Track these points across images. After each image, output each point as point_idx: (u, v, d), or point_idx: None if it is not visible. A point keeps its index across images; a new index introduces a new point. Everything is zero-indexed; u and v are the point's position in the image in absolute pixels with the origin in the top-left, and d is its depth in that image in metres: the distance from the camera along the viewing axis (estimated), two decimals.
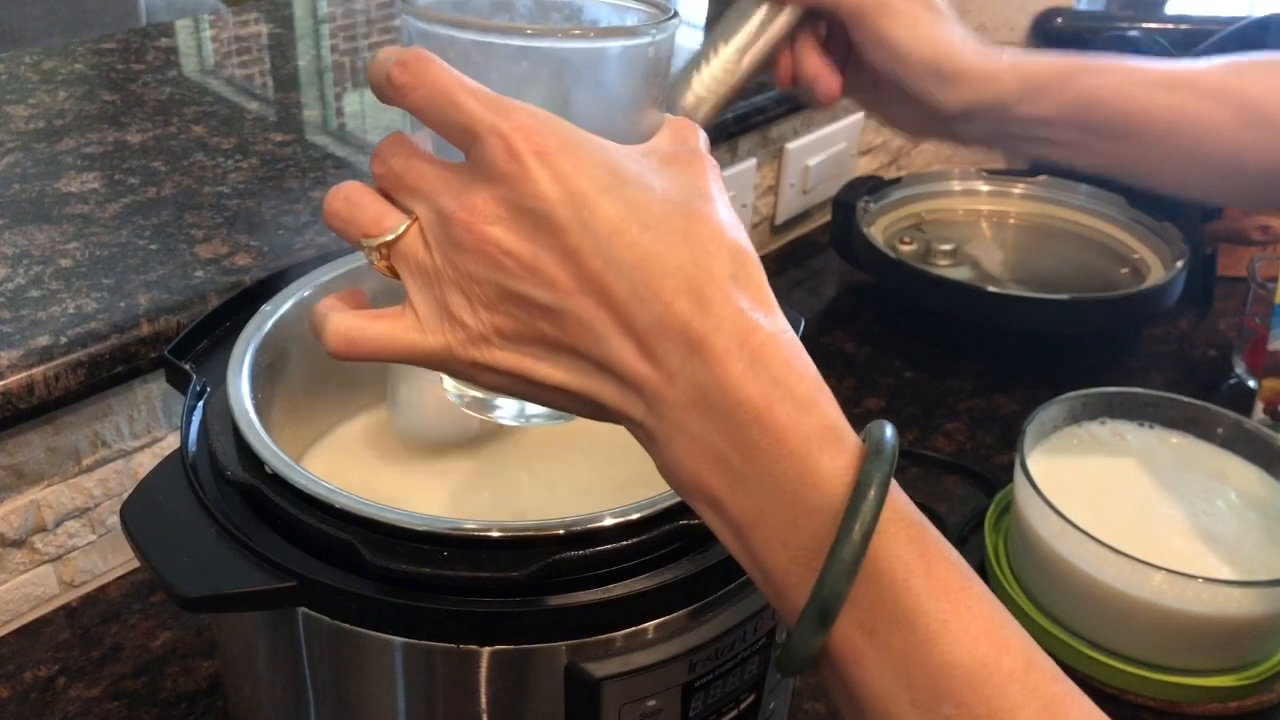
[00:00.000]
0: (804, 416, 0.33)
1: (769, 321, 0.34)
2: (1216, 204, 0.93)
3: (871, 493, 0.32)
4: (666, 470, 0.36)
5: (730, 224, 0.36)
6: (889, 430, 0.34)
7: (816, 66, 0.63)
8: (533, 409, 0.43)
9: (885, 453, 0.33)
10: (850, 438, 0.34)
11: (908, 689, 0.32)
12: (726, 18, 0.63)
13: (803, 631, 0.33)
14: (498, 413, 0.44)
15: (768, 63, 0.63)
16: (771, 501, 0.33)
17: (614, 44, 0.37)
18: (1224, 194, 0.66)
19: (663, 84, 0.40)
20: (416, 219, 0.36)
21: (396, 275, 0.37)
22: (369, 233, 0.36)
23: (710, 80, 0.61)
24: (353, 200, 0.37)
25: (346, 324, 0.37)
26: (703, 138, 0.39)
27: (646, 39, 0.38)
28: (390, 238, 0.36)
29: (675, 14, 0.39)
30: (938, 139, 0.67)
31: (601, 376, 0.35)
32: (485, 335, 0.35)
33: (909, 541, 0.33)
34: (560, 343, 0.35)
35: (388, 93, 0.35)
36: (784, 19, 0.62)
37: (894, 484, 0.33)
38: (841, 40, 0.64)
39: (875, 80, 0.65)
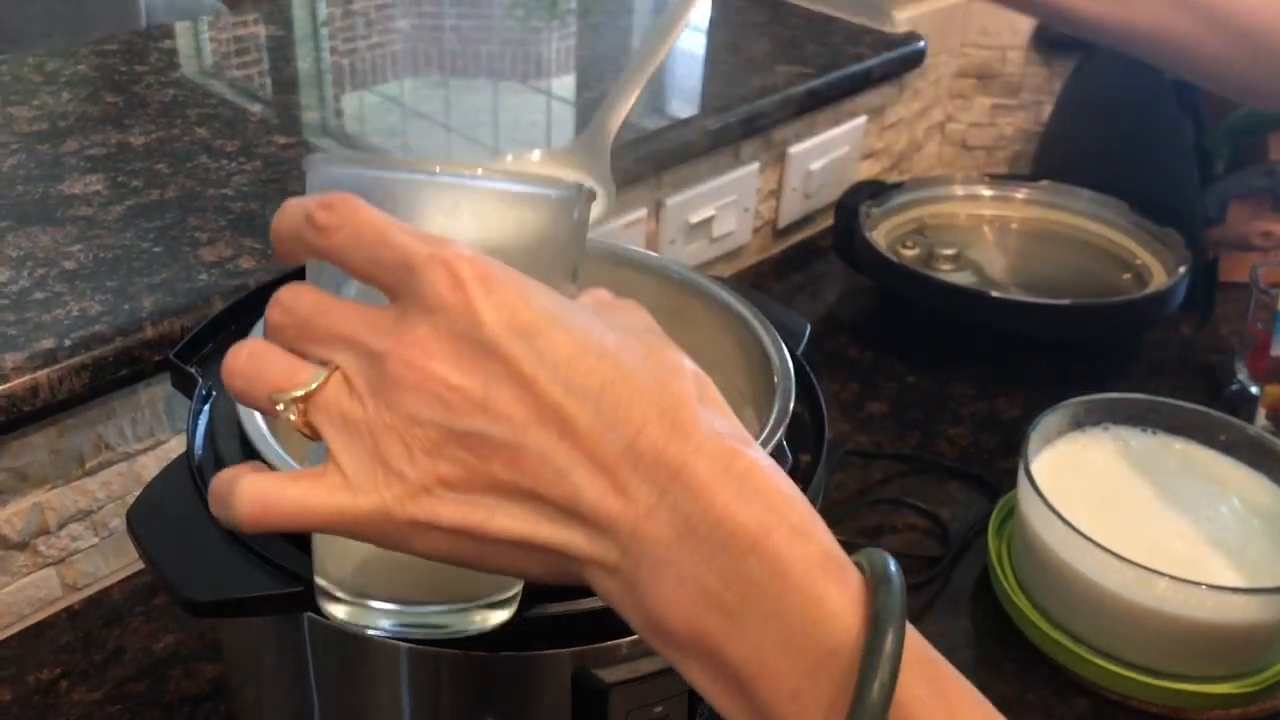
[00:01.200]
0: (804, 545, 0.30)
1: (749, 447, 0.32)
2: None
3: (890, 635, 0.29)
4: (651, 620, 0.31)
5: (684, 355, 0.34)
6: (889, 559, 0.31)
7: None
8: (413, 617, 0.37)
9: (894, 584, 0.30)
10: (851, 568, 0.31)
11: None
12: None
13: None
14: (376, 630, 0.38)
15: None
16: (777, 645, 0.30)
17: (541, 191, 0.35)
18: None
19: (580, 255, 0.37)
20: (337, 368, 0.32)
21: (316, 434, 0.32)
22: (281, 386, 0.32)
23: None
24: (258, 355, 0.32)
25: (259, 487, 0.32)
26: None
27: (575, 195, 0.36)
28: (304, 391, 0.31)
29: (592, 190, 0.38)
30: None
31: (567, 522, 0.31)
32: (427, 486, 0.31)
33: (928, 683, 0.30)
34: (517, 487, 0.31)
35: (307, 236, 0.32)
36: None
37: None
38: None
39: None
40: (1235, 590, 0.64)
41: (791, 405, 0.50)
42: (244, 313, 0.56)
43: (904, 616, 0.30)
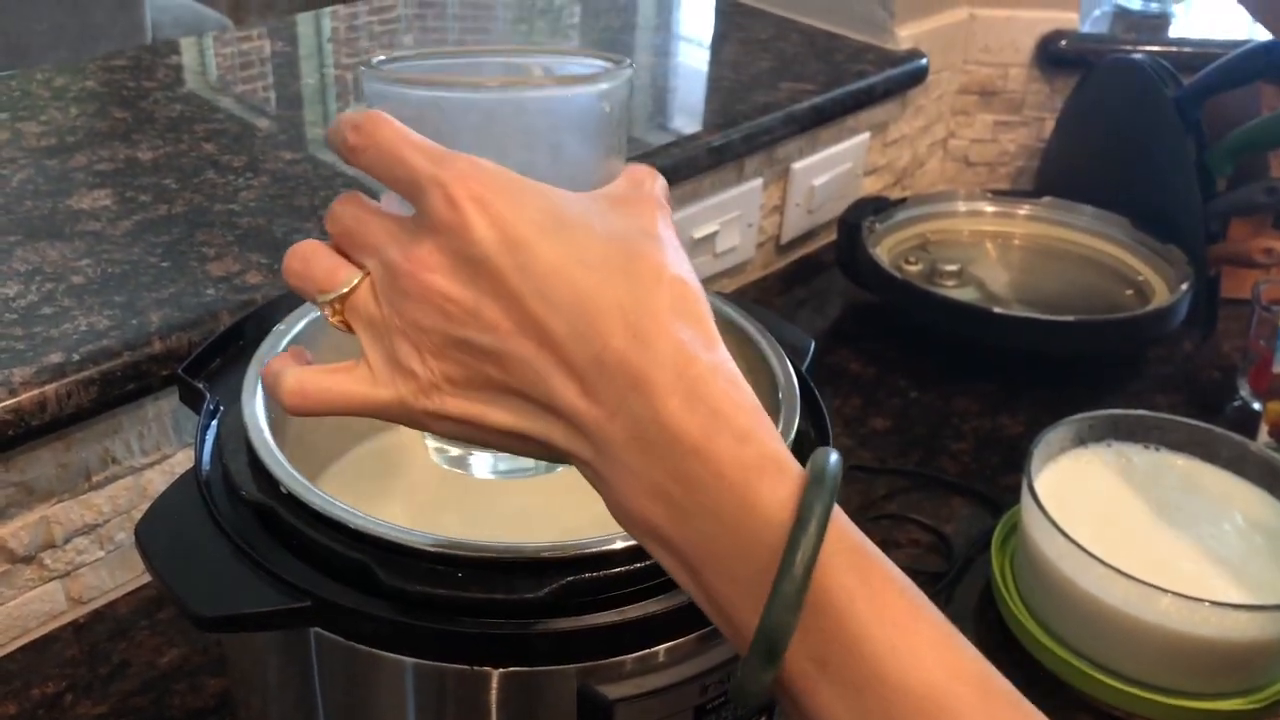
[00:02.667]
0: (742, 448, 0.33)
1: (708, 354, 0.35)
2: None
3: (812, 525, 0.32)
4: (616, 509, 0.36)
5: (674, 260, 0.36)
6: (833, 456, 0.34)
7: None
8: (502, 462, 0.44)
9: (826, 481, 0.33)
10: (792, 467, 0.34)
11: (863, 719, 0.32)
12: None
13: (751, 668, 0.33)
14: (471, 469, 0.45)
15: None
16: (716, 534, 0.33)
17: (564, 91, 0.38)
18: None
19: (620, 132, 0.40)
20: (368, 274, 0.37)
21: (351, 329, 0.37)
22: (323, 288, 0.37)
23: None
24: (309, 258, 0.38)
25: (301, 378, 0.37)
26: (660, 183, 0.40)
27: (597, 87, 0.38)
28: (343, 291, 0.37)
29: (629, 64, 0.39)
30: None
31: (548, 417, 0.35)
32: (435, 383, 0.36)
33: (852, 569, 0.33)
34: (507, 386, 0.35)
35: (344, 154, 0.37)
36: None
37: (838, 511, 0.33)
38: None
39: None
40: (1238, 607, 0.64)
41: (796, 423, 0.51)
42: (251, 328, 0.57)
43: (829, 511, 0.32)
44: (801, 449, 0.52)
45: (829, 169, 1.15)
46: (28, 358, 0.64)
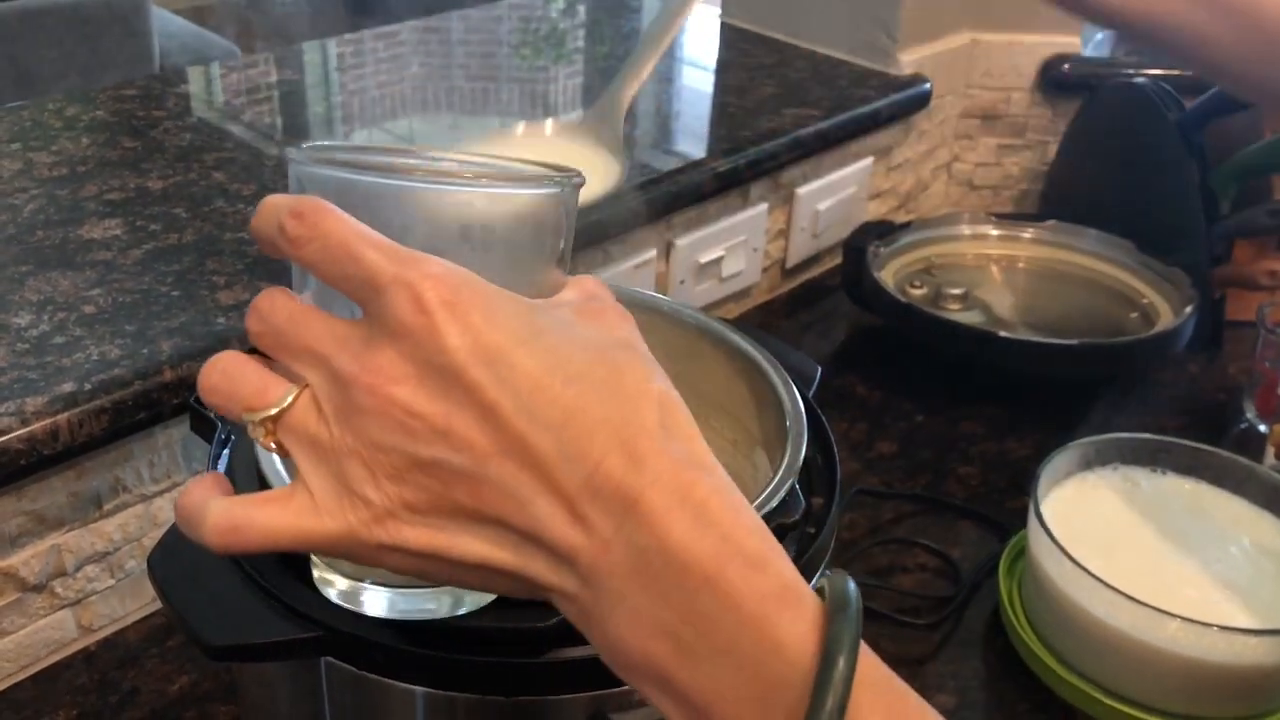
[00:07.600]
0: (758, 576, 0.30)
1: (708, 473, 0.32)
2: None
3: (841, 661, 0.29)
4: (609, 650, 0.32)
5: (654, 372, 0.34)
6: (850, 584, 0.31)
7: None
8: (404, 603, 0.40)
9: (850, 611, 0.30)
10: (809, 596, 0.31)
11: None
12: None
13: None
14: (364, 607, 0.40)
15: None
16: (732, 677, 0.30)
17: (524, 191, 0.36)
18: None
19: (567, 242, 0.37)
20: (307, 386, 0.33)
21: (286, 452, 0.33)
22: (252, 406, 0.33)
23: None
24: (231, 372, 0.33)
25: (229, 513, 0.33)
26: (610, 293, 0.38)
27: (555, 189, 0.36)
28: (275, 410, 0.32)
29: (580, 177, 0.37)
30: None
31: (529, 548, 0.32)
32: (392, 510, 0.32)
33: (884, 710, 0.30)
34: (480, 513, 0.31)
35: (281, 245, 0.32)
36: None
37: (861, 644, 0.30)
38: None
39: None
40: (1247, 631, 0.64)
41: (804, 452, 0.51)
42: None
43: (856, 645, 0.30)
44: (809, 475, 0.53)
45: (834, 193, 1.15)
46: (40, 387, 0.64)
